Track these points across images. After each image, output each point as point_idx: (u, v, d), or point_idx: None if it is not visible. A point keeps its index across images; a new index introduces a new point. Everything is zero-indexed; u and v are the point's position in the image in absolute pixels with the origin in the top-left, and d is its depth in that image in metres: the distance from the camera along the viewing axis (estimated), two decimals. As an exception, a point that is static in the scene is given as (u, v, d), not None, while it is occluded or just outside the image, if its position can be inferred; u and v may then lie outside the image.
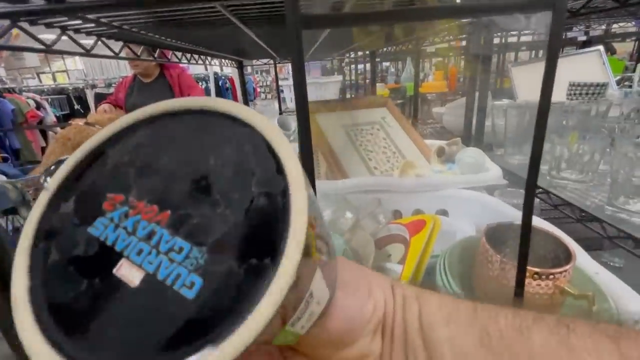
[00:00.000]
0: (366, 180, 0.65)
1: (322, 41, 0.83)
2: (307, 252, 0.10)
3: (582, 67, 1.18)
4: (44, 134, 2.75)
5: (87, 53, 0.39)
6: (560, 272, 0.31)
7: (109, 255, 0.11)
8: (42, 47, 0.34)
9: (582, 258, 0.38)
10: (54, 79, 5.28)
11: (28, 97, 2.62)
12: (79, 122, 1.73)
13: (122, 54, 0.53)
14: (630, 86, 1.22)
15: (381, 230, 0.60)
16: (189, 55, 0.77)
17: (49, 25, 0.34)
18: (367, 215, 0.62)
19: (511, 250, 0.39)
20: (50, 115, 2.80)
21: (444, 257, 0.41)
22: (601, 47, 1.14)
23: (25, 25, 0.28)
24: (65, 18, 0.33)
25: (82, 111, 3.76)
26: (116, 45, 0.50)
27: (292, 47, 0.16)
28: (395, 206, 0.64)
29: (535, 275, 0.31)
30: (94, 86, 4.02)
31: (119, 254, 0.11)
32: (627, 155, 0.56)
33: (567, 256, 0.34)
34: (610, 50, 3.16)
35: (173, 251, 0.11)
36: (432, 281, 0.41)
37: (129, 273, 0.11)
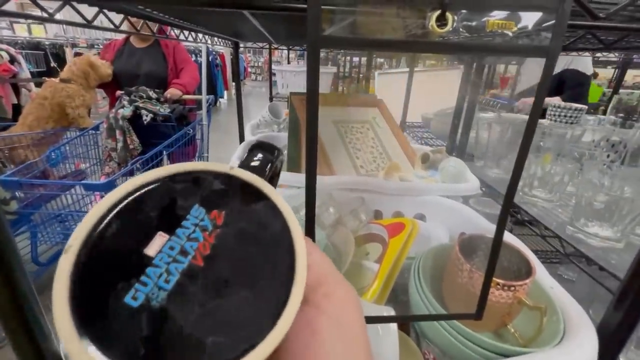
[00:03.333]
0: (353, 179, 0.67)
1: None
2: None
3: (444, 83, 1.26)
4: (16, 90, 2.58)
5: (89, 25, 0.39)
6: (521, 285, 0.35)
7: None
8: (44, 15, 0.34)
9: (541, 273, 0.42)
10: (29, 31, 4.91)
11: (1, 49, 2.45)
12: (53, 79, 1.63)
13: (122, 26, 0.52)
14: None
15: (362, 228, 0.62)
16: (186, 32, 0.75)
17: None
18: (350, 213, 0.64)
19: (480, 260, 0.42)
20: (25, 72, 2.63)
21: (419, 261, 0.43)
22: (462, 67, 1.17)
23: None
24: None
25: (59, 70, 3.55)
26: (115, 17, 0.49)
27: (309, 64, 0.17)
28: (377, 206, 0.67)
29: (498, 286, 0.35)
30: (74, 45, 3.80)
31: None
32: (591, 180, 0.61)
33: (528, 270, 0.38)
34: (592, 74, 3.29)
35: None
36: (406, 282, 0.44)
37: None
